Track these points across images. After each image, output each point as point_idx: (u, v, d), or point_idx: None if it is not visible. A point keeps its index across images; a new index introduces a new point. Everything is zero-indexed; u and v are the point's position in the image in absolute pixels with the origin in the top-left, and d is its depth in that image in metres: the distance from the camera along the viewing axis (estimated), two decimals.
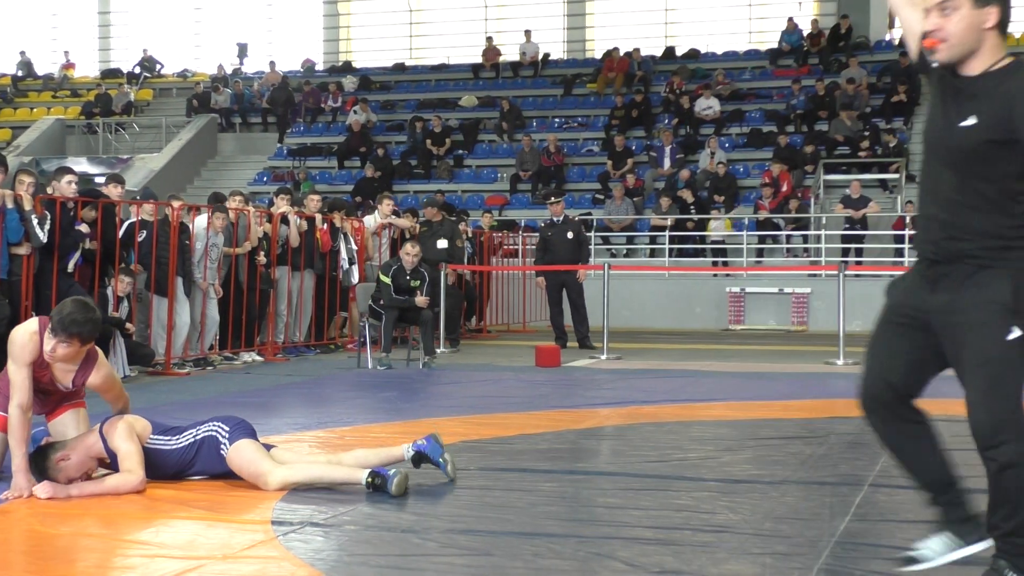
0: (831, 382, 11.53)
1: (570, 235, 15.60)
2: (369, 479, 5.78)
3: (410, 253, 13.12)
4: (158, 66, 33.67)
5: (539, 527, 5.09)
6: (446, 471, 6.10)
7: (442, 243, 15.75)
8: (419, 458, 6.09)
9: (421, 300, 12.85)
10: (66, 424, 6.03)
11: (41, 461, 5.74)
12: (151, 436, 5.91)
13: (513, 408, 9.31)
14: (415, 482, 5.94)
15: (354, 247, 15.38)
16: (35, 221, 10.16)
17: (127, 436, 5.75)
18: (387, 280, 13.03)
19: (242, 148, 30.03)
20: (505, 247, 20.91)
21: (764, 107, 26.50)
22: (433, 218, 16.15)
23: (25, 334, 5.71)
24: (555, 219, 15.85)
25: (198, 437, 5.90)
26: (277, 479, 5.77)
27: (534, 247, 21.02)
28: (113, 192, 11.89)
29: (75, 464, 5.76)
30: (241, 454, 5.83)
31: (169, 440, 5.93)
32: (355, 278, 15.14)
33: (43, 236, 10.20)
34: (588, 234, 18.00)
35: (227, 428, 5.90)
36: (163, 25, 36.22)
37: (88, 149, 29.99)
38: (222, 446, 5.85)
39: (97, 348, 5.98)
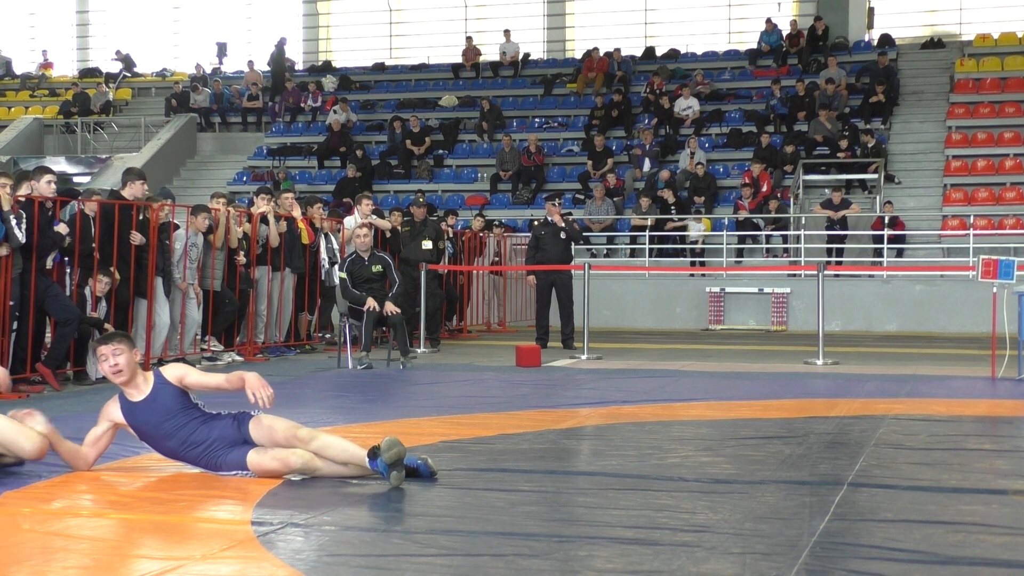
0: (810, 382, 11.57)
1: (563, 236, 15.69)
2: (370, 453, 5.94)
3: (360, 235, 13.08)
4: (130, 68, 33.54)
5: (519, 527, 5.09)
6: (427, 466, 6.12)
7: (427, 244, 15.74)
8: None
9: (389, 308, 12.80)
10: None
11: None
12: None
13: (493, 408, 9.30)
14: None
15: (335, 246, 15.35)
16: (14, 221, 10.12)
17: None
18: (343, 276, 12.98)
19: (221, 148, 29.94)
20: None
21: (743, 107, 26.56)
22: (417, 218, 16.14)
23: None
24: (549, 219, 15.89)
25: (230, 412, 6.26)
26: (307, 430, 6.10)
27: (515, 247, 21.15)
28: (134, 188, 11.90)
29: None
30: (273, 417, 6.17)
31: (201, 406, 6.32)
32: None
33: (22, 237, 10.17)
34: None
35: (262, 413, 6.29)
36: (142, 24, 36.09)
37: (66, 148, 29.86)
38: (253, 410, 6.18)
39: None
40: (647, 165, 24.55)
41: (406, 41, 33.98)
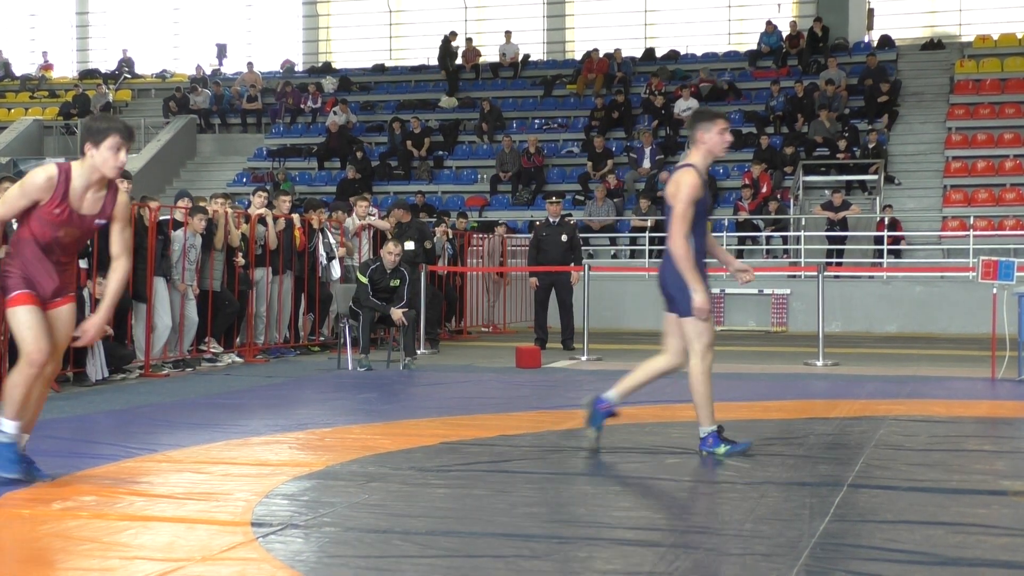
0: (810, 383, 11.57)
1: (564, 237, 15.66)
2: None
3: (392, 252, 13.13)
4: (127, 70, 33.54)
5: (519, 528, 5.09)
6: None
7: (409, 244, 15.72)
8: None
9: (397, 315, 12.83)
10: (63, 319, 6.07)
11: None
12: None
13: (493, 409, 9.30)
14: (394, 483, 5.92)
15: (332, 241, 15.28)
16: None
17: None
18: (364, 280, 13.03)
19: (221, 149, 29.94)
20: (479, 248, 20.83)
21: (743, 108, 26.54)
22: (401, 219, 16.13)
23: (43, 175, 5.88)
24: (551, 220, 15.90)
25: None
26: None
27: (516, 248, 21.14)
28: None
29: None
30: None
31: None
32: (335, 273, 15.11)
33: None
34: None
35: None
36: (142, 26, 36.09)
37: (66, 150, 29.81)
38: None
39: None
40: (647, 164, 24.53)
41: (406, 42, 33.96)
